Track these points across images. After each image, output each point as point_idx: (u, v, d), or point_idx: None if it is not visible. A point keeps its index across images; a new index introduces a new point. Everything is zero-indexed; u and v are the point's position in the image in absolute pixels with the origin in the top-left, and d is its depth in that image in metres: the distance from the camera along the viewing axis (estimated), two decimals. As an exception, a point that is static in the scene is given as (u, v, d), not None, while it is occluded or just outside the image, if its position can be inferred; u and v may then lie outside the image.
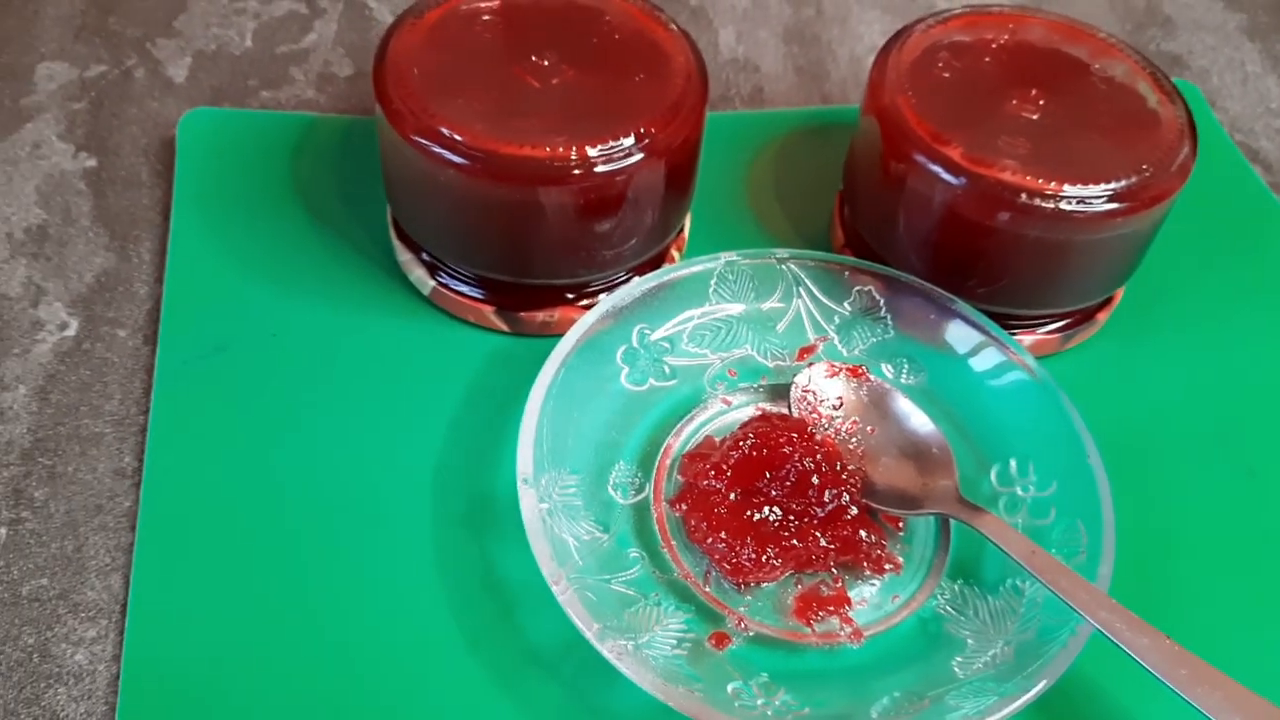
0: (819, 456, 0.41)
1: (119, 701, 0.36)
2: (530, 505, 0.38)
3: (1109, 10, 0.66)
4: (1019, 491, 0.42)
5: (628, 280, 0.47)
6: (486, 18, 0.46)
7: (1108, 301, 0.49)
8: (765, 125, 0.56)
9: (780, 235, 0.52)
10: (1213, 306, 0.51)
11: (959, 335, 0.45)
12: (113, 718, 0.36)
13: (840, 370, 0.45)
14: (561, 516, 0.39)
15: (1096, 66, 0.47)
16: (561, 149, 0.41)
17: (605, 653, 0.35)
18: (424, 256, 0.47)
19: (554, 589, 0.37)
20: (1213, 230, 0.54)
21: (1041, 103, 0.46)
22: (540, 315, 0.46)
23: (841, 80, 0.60)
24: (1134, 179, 0.43)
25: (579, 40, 0.45)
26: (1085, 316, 0.48)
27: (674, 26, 0.47)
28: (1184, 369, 0.48)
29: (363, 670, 0.38)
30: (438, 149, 0.42)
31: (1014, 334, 0.47)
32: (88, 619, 0.38)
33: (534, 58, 0.44)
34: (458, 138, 0.41)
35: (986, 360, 0.44)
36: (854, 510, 0.40)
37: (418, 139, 0.42)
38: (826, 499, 0.40)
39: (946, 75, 0.47)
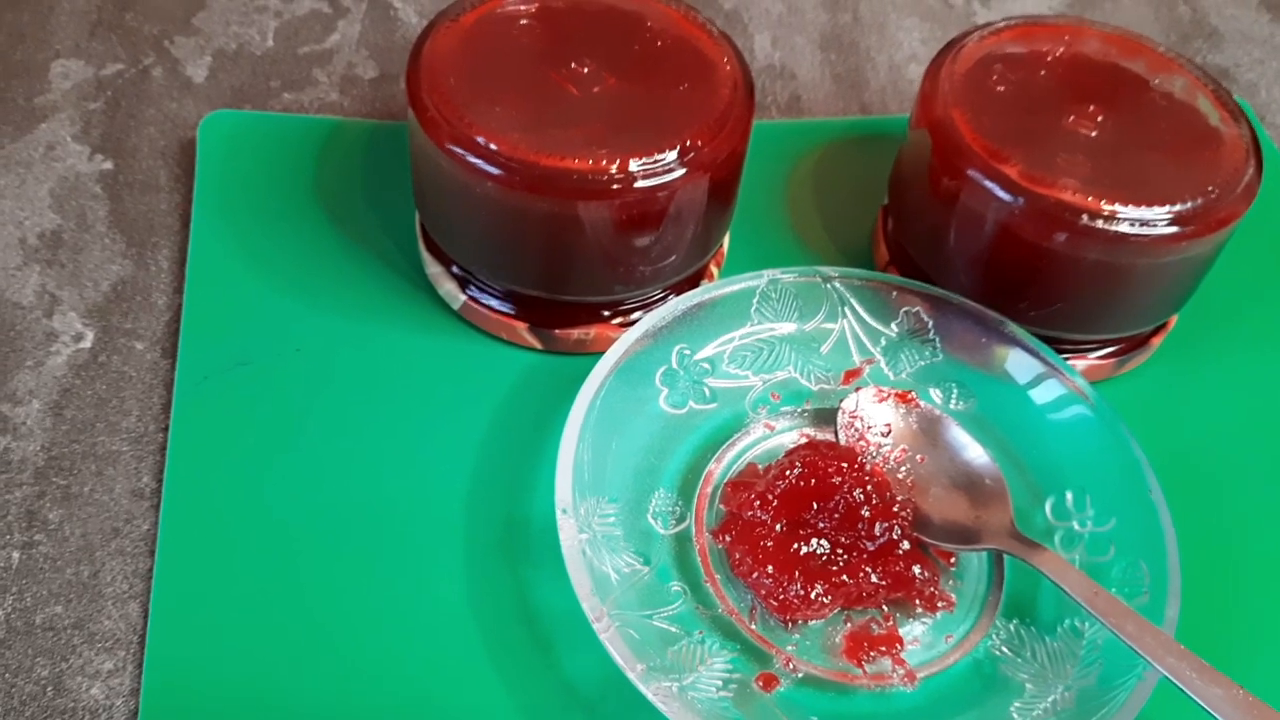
0: (869, 487, 0.39)
1: (137, 740, 0.34)
2: (570, 536, 0.36)
3: (1154, 21, 0.64)
4: (1076, 526, 0.41)
5: (665, 298, 0.45)
6: (524, 21, 0.44)
7: (1162, 326, 0.47)
8: (804, 135, 0.54)
9: (820, 250, 0.50)
10: (1270, 329, 0.49)
11: (1011, 360, 0.43)
12: (130, 756, 0.34)
13: (889, 395, 0.43)
14: (602, 548, 0.37)
15: (1156, 81, 0.46)
16: (604, 162, 0.40)
17: (650, 696, 0.34)
18: (455, 270, 0.45)
19: (595, 625, 0.35)
20: (1267, 250, 0.52)
21: (1100, 119, 0.44)
22: (575, 333, 0.45)
23: (881, 89, 0.58)
24: (1199, 201, 0.41)
25: (620, 46, 0.44)
26: (1139, 341, 0.47)
27: (716, 31, 0.45)
28: (1244, 395, 0.47)
29: (391, 706, 0.36)
30: (473, 159, 0.40)
31: (1066, 359, 0.45)
32: (104, 650, 0.36)
33: (574, 64, 0.43)
34: (494, 147, 0.40)
35: (1039, 384, 0.43)
36: (906, 545, 0.39)
37: (453, 148, 0.40)
38: (877, 532, 0.39)
39: (1001, 89, 0.45)
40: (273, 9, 0.57)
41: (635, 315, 0.45)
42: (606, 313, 0.45)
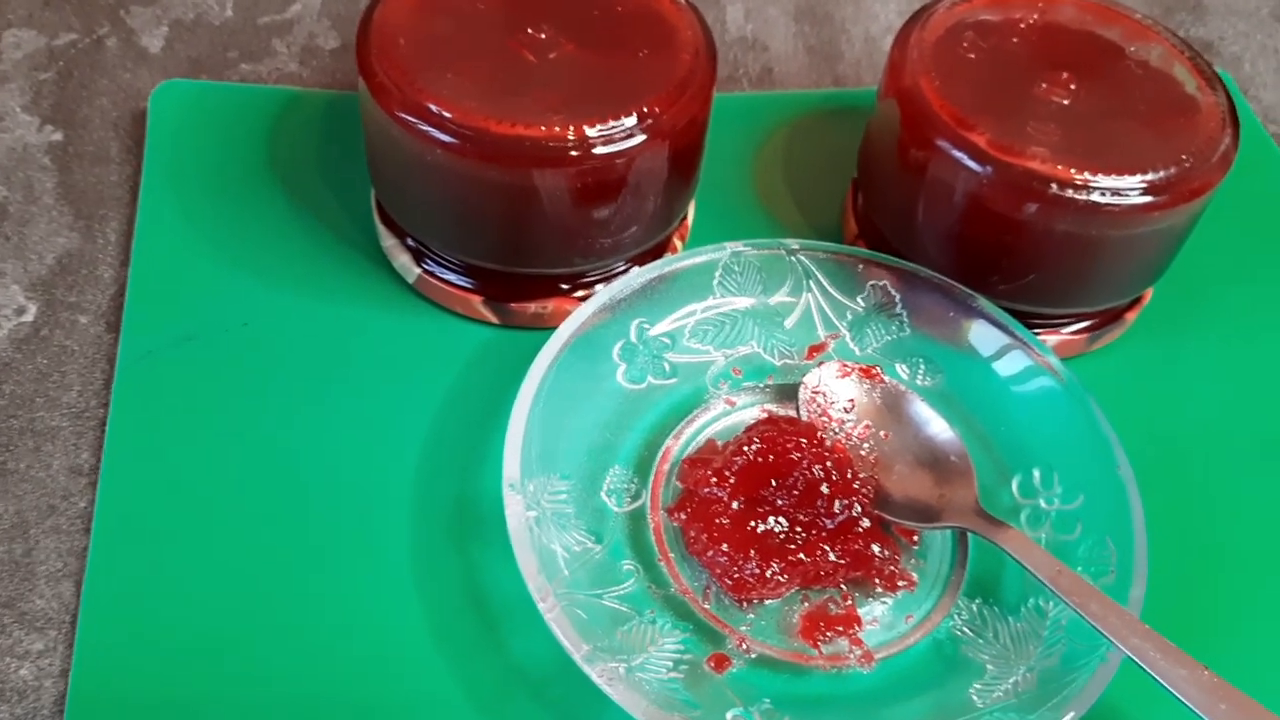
0: (829, 464, 0.38)
1: (66, 721, 0.33)
2: (516, 513, 0.35)
3: (1136, -7, 0.63)
4: (1042, 504, 0.39)
5: (626, 271, 0.44)
6: (479, -14, 0.43)
7: (1136, 300, 0.46)
8: (774, 107, 0.53)
9: (789, 224, 0.49)
10: (1248, 305, 0.48)
11: (980, 335, 0.42)
12: (59, 738, 0.33)
13: (853, 370, 0.42)
14: (550, 525, 0.36)
15: (1131, 49, 0.44)
16: (558, 129, 0.38)
17: (595, 677, 0.33)
18: (409, 242, 0.44)
19: (540, 605, 0.34)
20: (1246, 224, 0.51)
21: (1073, 87, 0.43)
22: (532, 306, 0.43)
23: (855, 61, 0.57)
24: (1173, 170, 0.40)
25: (579, 12, 0.42)
26: (1113, 316, 0.46)
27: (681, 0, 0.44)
28: (1219, 372, 0.45)
29: (334, 690, 0.35)
30: (425, 126, 0.39)
31: (1037, 334, 0.44)
32: (35, 630, 0.35)
33: (531, 30, 0.41)
34: (447, 115, 0.38)
35: (1007, 360, 0.41)
36: (866, 523, 0.38)
37: (403, 115, 0.39)
38: (836, 510, 0.37)
39: (972, 56, 0.44)
40: (233, -21, 0.56)
41: (596, 289, 0.44)
42: (565, 286, 0.44)
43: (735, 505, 0.37)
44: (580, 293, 0.44)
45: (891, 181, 0.44)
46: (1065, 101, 0.42)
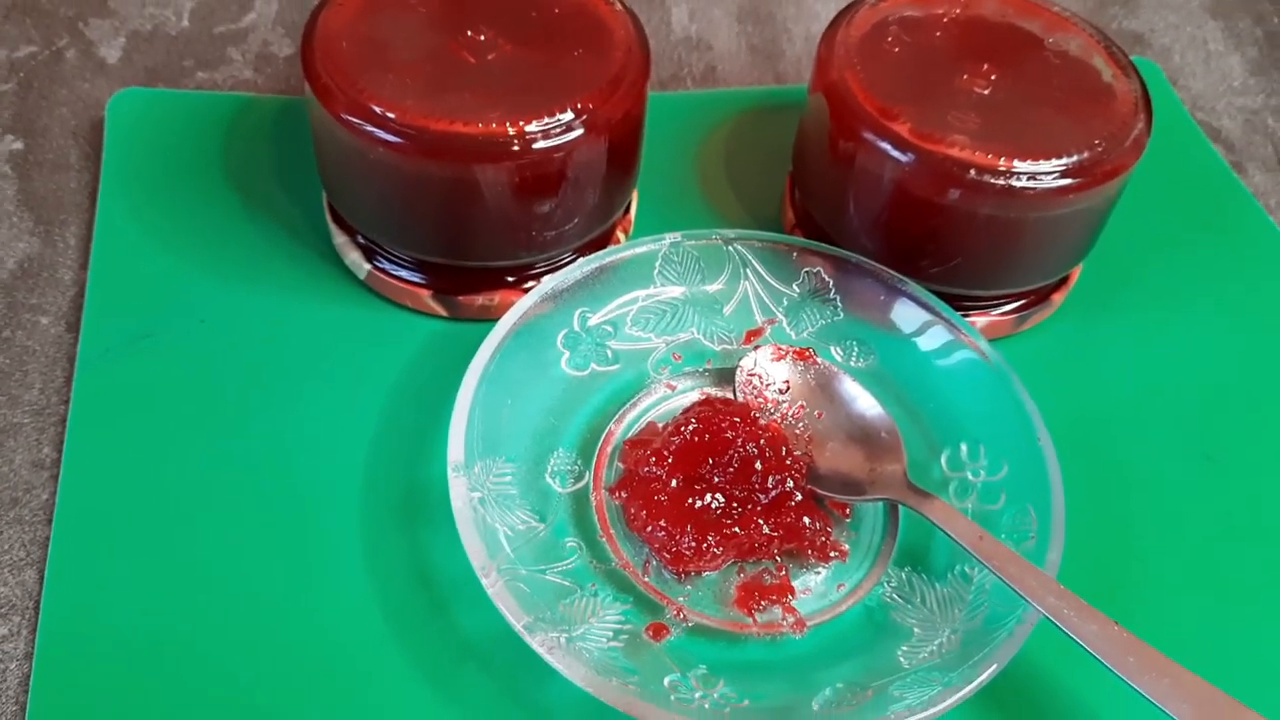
0: (763, 442, 0.40)
1: (29, 702, 0.34)
2: (461, 494, 0.37)
3: (1070, -12, 0.65)
4: (969, 476, 0.41)
5: (571, 262, 0.46)
6: (421, -9, 0.44)
7: (1064, 282, 0.48)
8: (716, 105, 0.55)
9: (731, 217, 0.50)
10: (1172, 289, 0.50)
11: (907, 316, 0.44)
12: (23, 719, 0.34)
13: (787, 353, 0.43)
14: (494, 506, 0.38)
15: (1050, 41, 0.46)
16: (496, 125, 0.40)
17: (535, 646, 0.34)
18: (359, 239, 0.46)
19: (483, 581, 0.35)
20: (1173, 211, 0.53)
21: (993, 77, 0.44)
22: (479, 299, 0.45)
23: (796, 59, 0.59)
24: (1086, 154, 0.42)
25: (517, 14, 0.44)
26: (1040, 298, 0.47)
27: (616, 2, 0.45)
28: (1141, 351, 0.47)
29: (288, 667, 0.36)
30: (368, 127, 0.40)
31: (968, 316, 0.46)
32: (0, 616, 0.37)
33: (470, 32, 0.43)
34: (389, 115, 0.40)
35: (935, 340, 0.43)
36: (798, 496, 0.39)
37: (347, 117, 0.40)
38: (770, 485, 0.39)
39: (896, 50, 0.45)
40: (189, -10, 0.58)
41: (541, 281, 0.45)
42: (511, 279, 0.45)
43: (674, 483, 0.39)
44: (527, 285, 0.45)
45: (823, 172, 0.46)
46: (985, 91, 0.44)
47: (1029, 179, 0.41)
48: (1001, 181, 0.41)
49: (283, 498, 0.40)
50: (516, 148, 0.40)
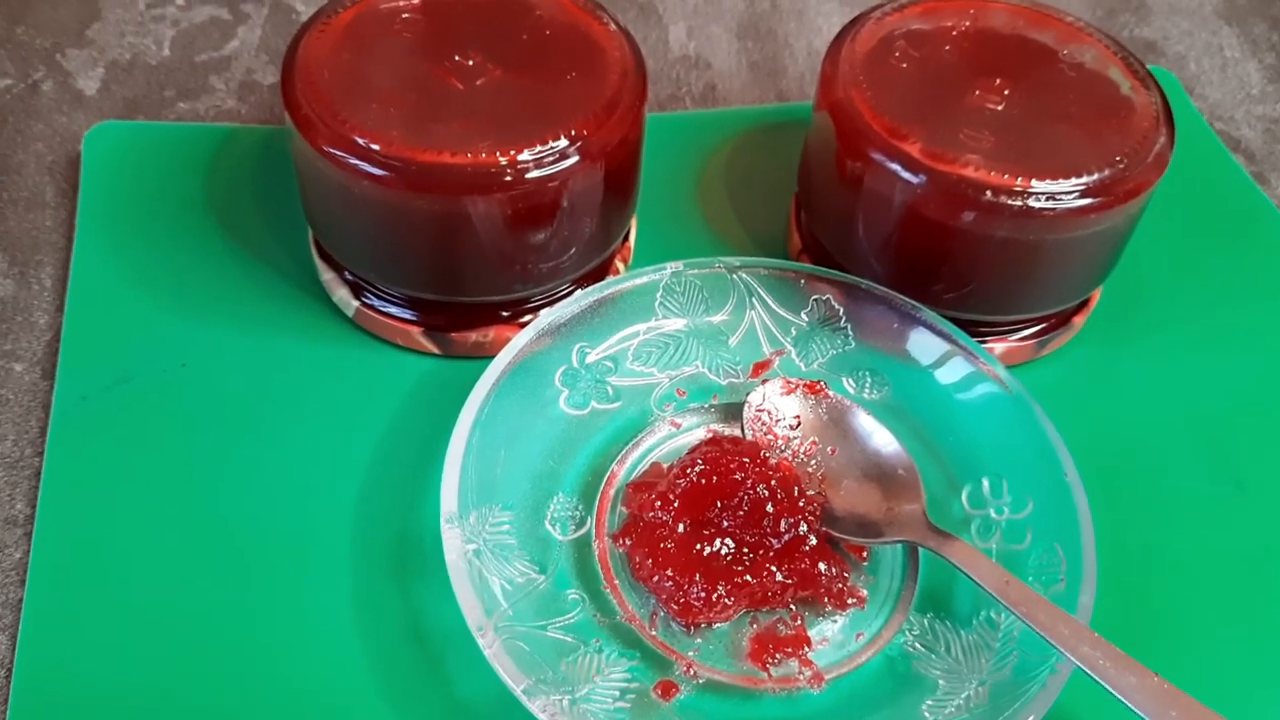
0: (774, 482, 0.37)
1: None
2: (455, 547, 0.35)
3: (1079, -4, 0.63)
4: (992, 514, 0.39)
5: (569, 295, 0.44)
6: (406, 15, 0.42)
7: (1084, 304, 0.46)
8: (717, 125, 0.53)
9: (734, 242, 0.48)
10: (1197, 307, 0.47)
11: (924, 345, 0.42)
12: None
13: (797, 386, 0.41)
14: (491, 557, 0.36)
15: (1064, 53, 0.44)
16: (485, 155, 0.38)
17: (536, 711, 0.32)
18: (347, 276, 0.44)
19: (480, 641, 0.33)
20: (1194, 225, 0.50)
21: (1006, 93, 0.42)
22: (473, 336, 0.43)
23: (799, 76, 0.57)
24: (1107, 172, 0.40)
25: (507, 37, 0.42)
26: (1060, 321, 0.45)
27: (610, 22, 0.43)
28: (1167, 375, 0.45)
29: (274, 734, 0.34)
30: (352, 160, 0.38)
31: (985, 342, 0.44)
32: (-33, 687, 0.35)
33: (457, 57, 0.41)
34: (373, 147, 0.38)
35: (954, 371, 0.41)
36: (813, 540, 0.37)
37: (330, 149, 0.38)
38: (782, 529, 0.37)
39: (904, 66, 0.43)
40: (170, 18, 0.56)
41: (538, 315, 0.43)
42: (506, 313, 0.43)
43: (680, 528, 0.37)
44: (523, 320, 0.43)
45: (830, 195, 0.44)
46: (998, 107, 0.42)
47: (1047, 199, 0.39)
48: (1018, 203, 0.39)
49: (269, 550, 0.38)
50: (508, 178, 0.38)
